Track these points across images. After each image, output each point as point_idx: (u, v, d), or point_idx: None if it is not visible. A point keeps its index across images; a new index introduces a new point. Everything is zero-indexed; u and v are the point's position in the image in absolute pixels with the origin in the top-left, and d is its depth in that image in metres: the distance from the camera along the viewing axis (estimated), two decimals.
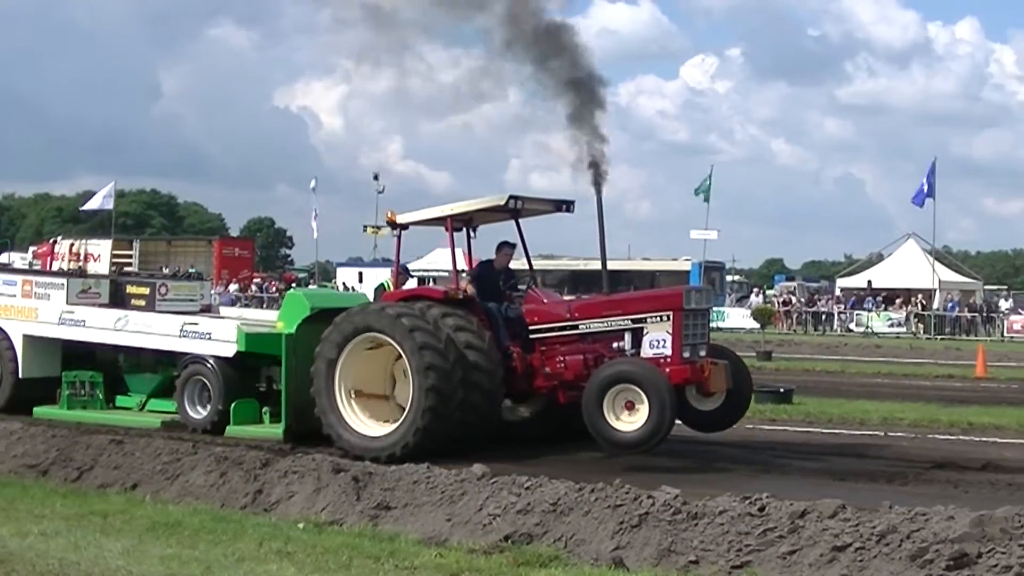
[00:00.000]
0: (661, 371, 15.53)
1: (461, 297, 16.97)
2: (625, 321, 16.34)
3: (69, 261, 60.63)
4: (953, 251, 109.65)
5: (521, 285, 18.01)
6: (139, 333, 19.68)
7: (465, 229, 18.24)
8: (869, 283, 72.40)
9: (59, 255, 63.02)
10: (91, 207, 69.47)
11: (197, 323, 19.16)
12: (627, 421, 15.32)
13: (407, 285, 20.85)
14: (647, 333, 16.06)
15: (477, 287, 17.32)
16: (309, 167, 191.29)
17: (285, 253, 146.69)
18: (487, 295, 17.27)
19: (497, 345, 16.59)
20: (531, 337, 16.95)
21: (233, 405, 18.21)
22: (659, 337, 15.93)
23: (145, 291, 21.21)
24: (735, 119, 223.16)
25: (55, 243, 67.04)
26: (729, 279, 79.14)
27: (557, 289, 38.01)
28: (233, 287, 68.38)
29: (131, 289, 21.48)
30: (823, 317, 68.06)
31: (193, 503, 14.52)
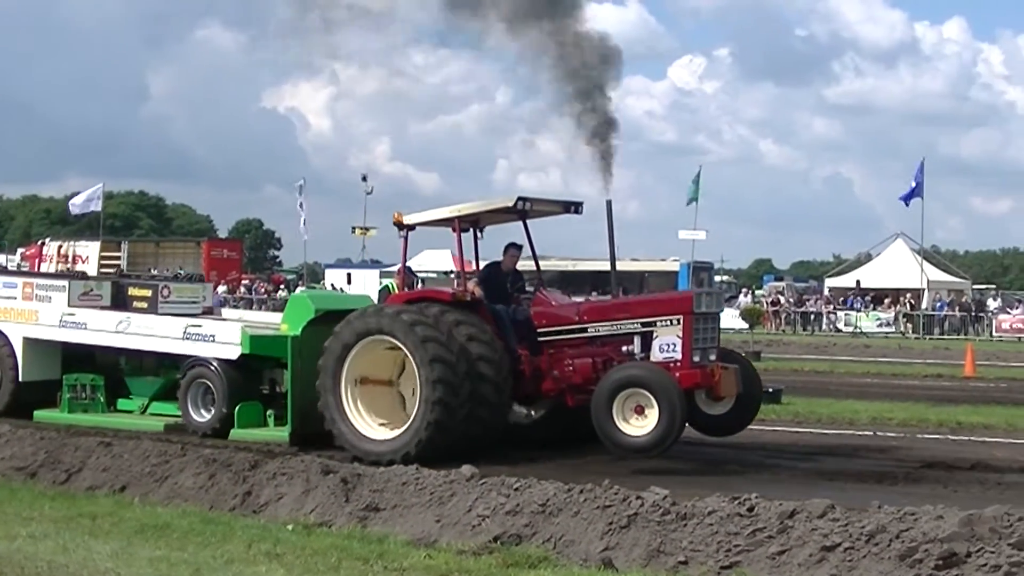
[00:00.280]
0: (671, 375, 15.48)
1: (469, 299, 16.83)
2: (635, 324, 16.28)
3: (57, 263, 60.63)
4: (941, 250, 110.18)
5: (529, 287, 17.87)
6: (141, 336, 19.57)
7: (472, 230, 18.05)
8: (858, 283, 72.45)
9: (47, 257, 63.04)
10: (77, 202, 69.31)
11: (200, 325, 19.06)
12: (637, 425, 15.28)
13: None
14: (657, 337, 16.00)
15: (484, 289, 17.15)
16: (297, 168, 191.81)
17: (273, 255, 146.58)
18: (495, 297, 17.14)
19: (505, 348, 16.47)
20: (539, 340, 16.85)
21: (237, 408, 18.12)
22: (669, 341, 15.88)
23: (147, 293, 21.03)
24: (723, 119, 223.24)
25: (43, 245, 67.03)
26: (717, 279, 78.86)
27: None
28: (221, 288, 68.26)
29: (133, 291, 21.28)
30: (812, 317, 68.14)
31: (182, 505, 14.49)
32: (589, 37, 17.24)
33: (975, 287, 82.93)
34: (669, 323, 15.95)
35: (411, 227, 17.70)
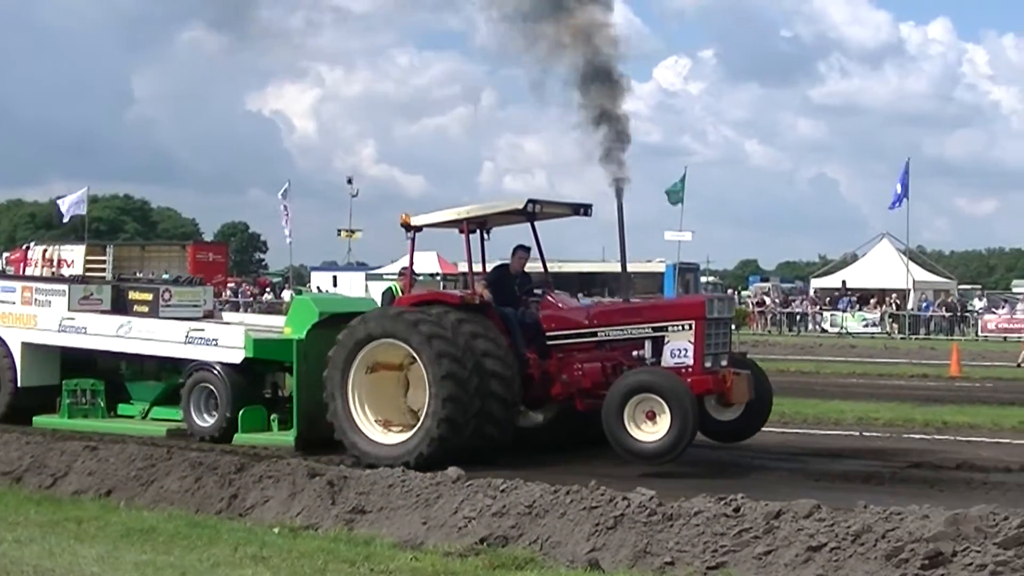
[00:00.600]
0: (683, 381, 15.37)
1: (478, 302, 16.72)
2: (646, 329, 16.19)
3: (42, 267, 60.39)
4: (927, 251, 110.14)
5: (537, 290, 17.67)
6: (143, 340, 19.46)
7: (479, 232, 17.83)
8: (843, 283, 72.53)
9: (32, 261, 62.78)
10: (63, 205, 69.16)
11: (203, 329, 18.97)
12: (648, 431, 15.16)
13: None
14: (668, 342, 15.92)
15: (493, 291, 17.00)
16: (283, 171, 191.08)
17: (259, 258, 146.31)
18: (503, 300, 17.00)
19: (514, 351, 16.36)
20: (548, 343, 16.72)
21: (241, 413, 18.01)
22: (681, 346, 15.80)
23: (148, 297, 20.92)
24: (708, 120, 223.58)
25: (28, 249, 66.78)
26: (703, 280, 79.25)
27: None
28: None
29: (133, 295, 21.15)
30: (798, 318, 68.22)
31: (168, 509, 14.47)
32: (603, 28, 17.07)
33: (961, 287, 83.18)
34: (681, 328, 15.84)
35: (418, 228, 17.56)
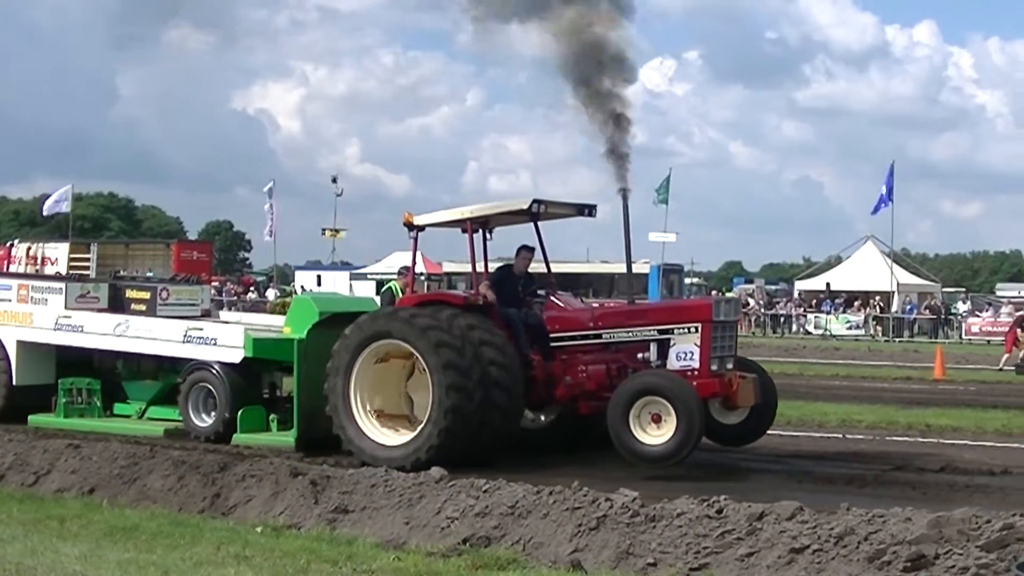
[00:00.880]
0: (689, 385, 15.30)
1: (481, 303, 16.60)
2: (651, 332, 16.10)
3: (26, 264, 60.16)
4: (911, 253, 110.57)
5: (540, 291, 17.61)
6: (140, 339, 19.34)
7: (481, 231, 17.63)
8: (828, 285, 72.66)
9: (16, 259, 62.52)
10: (49, 203, 69.03)
11: (201, 328, 18.87)
12: (654, 434, 15.10)
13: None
14: (674, 345, 15.84)
15: (496, 292, 16.84)
16: (267, 170, 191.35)
17: (244, 256, 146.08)
18: (506, 300, 16.89)
19: (517, 353, 16.23)
20: (552, 345, 16.63)
21: (240, 413, 17.91)
22: (686, 349, 15.71)
23: (145, 295, 20.74)
24: (693, 122, 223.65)
25: (12, 247, 66.54)
26: (688, 282, 79.26)
27: None
28: None
29: (131, 293, 20.99)
30: (782, 319, 68.35)
31: (151, 507, 14.42)
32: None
33: (945, 290, 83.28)
34: (687, 331, 15.77)
35: (421, 228, 17.45)
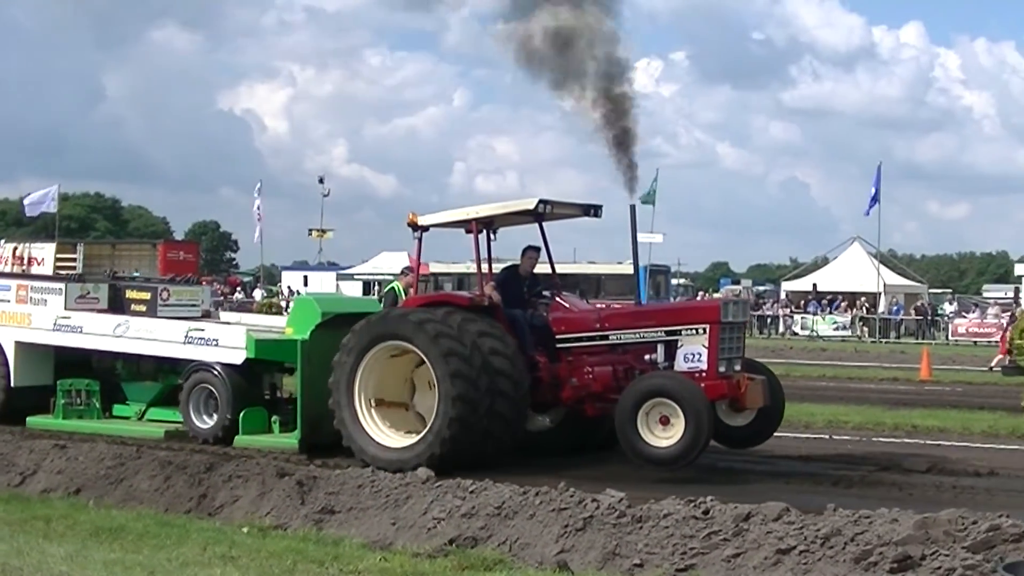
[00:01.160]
0: (698, 386, 15.22)
1: (487, 304, 16.47)
2: (658, 333, 16.00)
3: (12, 265, 60.07)
4: (898, 254, 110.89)
5: (546, 291, 17.50)
6: (141, 340, 19.20)
7: (486, 232, 17.50)
8: (814, 286, 72.67)
9: (2, 259, 62.45)
10: (31, 201, 68.83)
11: (203, 329, 18.74)
12: (662, 437, 15.00)
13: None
14: (682, 346, 15.74)
15: (502, 293, 16.69)
16: (254, 170, 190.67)
17: (230, 257, 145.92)
18: (512, 301, 16.76)
19: (523, 354, 16.12)
20: (558, 346, 16.54)
21: (242, 414, 17.79)
22: (695, 350, 15.60)
23: (146, 296, 20.60)
24: (680, 123, 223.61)
25: None
26: (674, 282, 79.38)
27: None
28: None
29: (131, 294, 20.85)
30: (768, 320, 68.34)
31: (137, 508, 14.42)
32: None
33: (931, 291, 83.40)
34: (695, 332, 15.66)
35: (425, 228, 17.29)
